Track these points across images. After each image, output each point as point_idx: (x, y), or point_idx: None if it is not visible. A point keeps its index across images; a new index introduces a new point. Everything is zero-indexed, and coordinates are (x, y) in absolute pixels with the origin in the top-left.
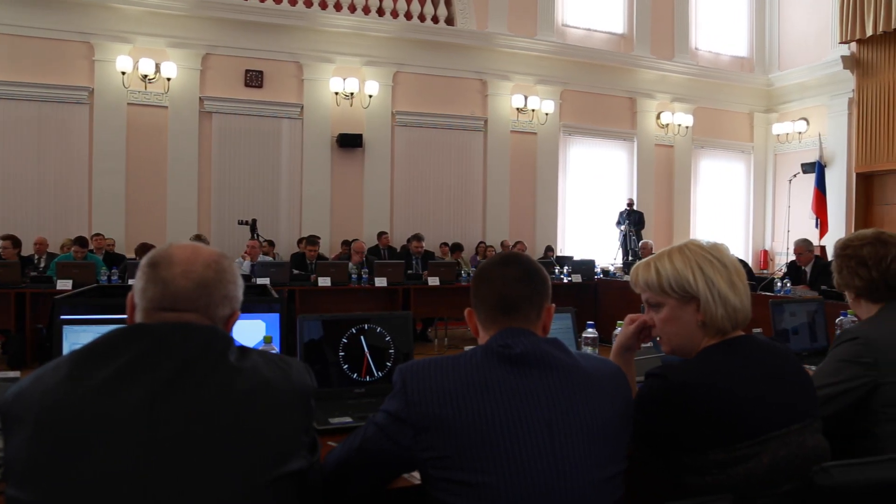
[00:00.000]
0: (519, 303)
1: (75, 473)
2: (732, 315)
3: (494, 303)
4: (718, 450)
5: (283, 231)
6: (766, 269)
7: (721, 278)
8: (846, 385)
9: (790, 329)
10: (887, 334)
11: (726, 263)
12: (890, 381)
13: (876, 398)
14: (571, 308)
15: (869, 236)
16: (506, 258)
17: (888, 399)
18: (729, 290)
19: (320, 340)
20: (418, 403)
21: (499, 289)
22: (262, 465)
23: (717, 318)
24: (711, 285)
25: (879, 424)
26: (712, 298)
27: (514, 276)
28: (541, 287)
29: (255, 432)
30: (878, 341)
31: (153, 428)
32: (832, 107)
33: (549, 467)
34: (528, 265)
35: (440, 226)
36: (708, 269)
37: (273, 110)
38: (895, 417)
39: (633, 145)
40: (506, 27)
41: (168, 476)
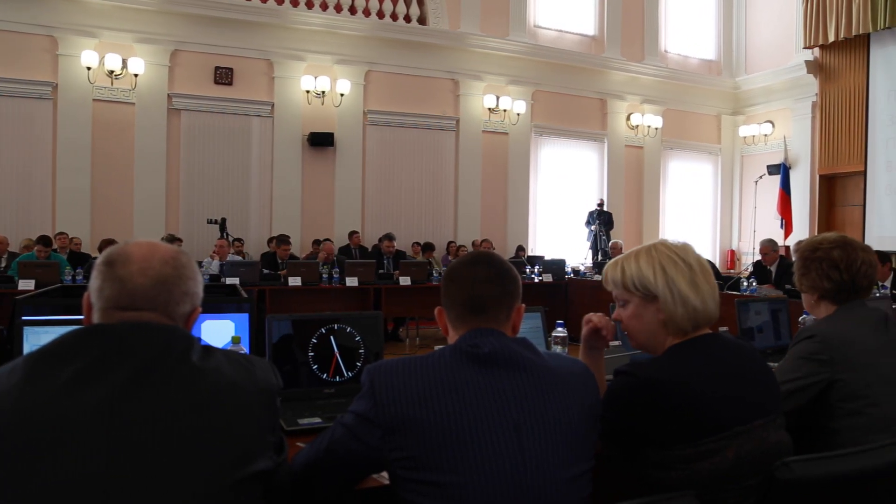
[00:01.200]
0: (489, 303)
1: (33, 479)
2: (693, 315)
3: (464, 303)
4: (684, 445)
5: (252, 230)
6: (733, 268)
7: (683, 279)
8: (804, 381)
9: (755, 327)
10: (842, 332)
11: (691, 264)
12: (844, 377)
13: (832, 394)
14: (541, 307)
15: (836, 239)
16: (476, 258)
17: (844, 394)
18: (690, 290)
19: (289, 340)
20: (387, 404)
21: (469, 289)
22: (225, 466)
23: (678, 317)
24: (672, 285)
25: (837, 419)
26: (672, 298)
27: (484, 276)
28: (511, 287)
29: (218, 433)
30: (834, 339)
31: (113, 431)
32: (796, 110)
33: (517, 467)
34: (498, 265)
35: (411, 225)
36: (670, 269)
37: (243, 108)
38: (851, 412)
39: (604, 146)
40: (478, 27)
41: (129, 480)
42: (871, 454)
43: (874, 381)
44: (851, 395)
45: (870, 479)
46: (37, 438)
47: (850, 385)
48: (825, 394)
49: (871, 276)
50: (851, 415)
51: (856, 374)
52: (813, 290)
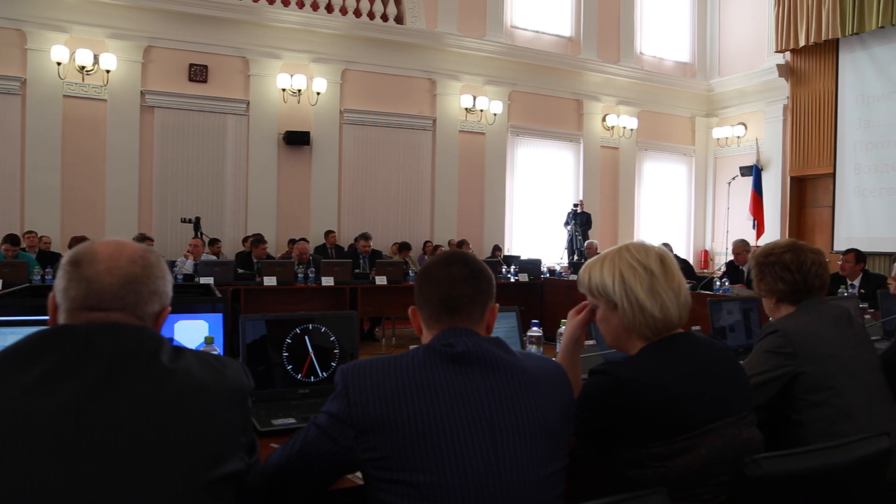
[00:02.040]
0: (463, 303)
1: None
2: (651, 322)
3: (439, 302)
4: (658, 443)
5: (227, 229)
6: (707, 268)
7: (641, 286)
8: (770, 374)
9: (727, 326)
10: (803, 327)
11: (653, 270)
12: (808, 369)
13: (797, 386)
14: (516, 307)
15: (787, 244)
16: (450, 257)
17: (807, 386)
18: (648, 297)
19: (264, 341)
20: (360, 404)
21: (444, 288)
22: (196, 467)
23: (636, 324)
24: (630, 292)
25: (801, 411)
26: (630, 306)
27: (458, 275)
28: (485, 287)
29: (188, 435)
30: (796, 333)
31: (79, 434)
32: (768, 113)
33: (490, 466)
34: (472, 265)
35: (388, 225)
36: (629, 276)
37: (218, 106)
38: (815, 403)
39: (580, 147)
40: (455, 27)
41: (96, 483)
42: (837, 451)
43: (836, 372)
44: (815, 386)
45: (836, 475)
46: (1, 441)
47: (813, 377)
48: (790, 386)
49: (822, 276)
50: (815, 406)
51: (819, 367)
52: (770, 294)
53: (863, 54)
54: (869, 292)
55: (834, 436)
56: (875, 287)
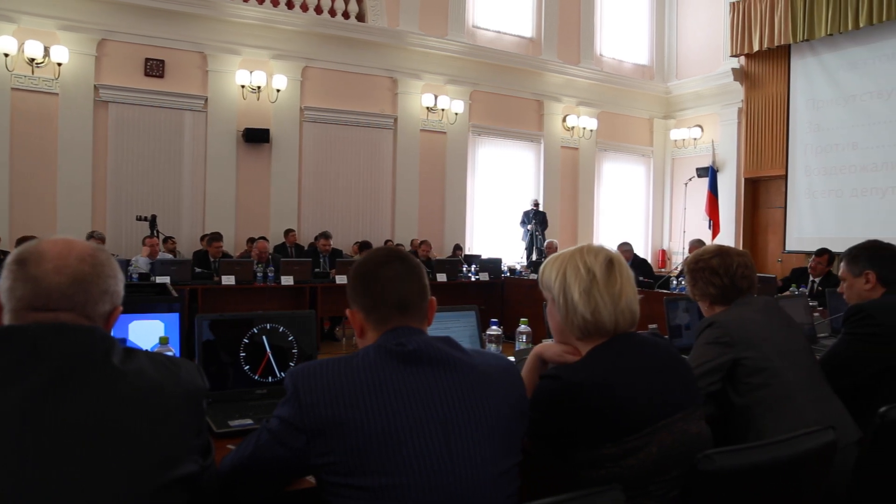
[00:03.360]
0: (414, 301)
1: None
2: (581, 323)
3: (391, 302)
4: (611, 444)
5: (185, 228)
6: (664, 267)
7: (577, 287)
8: (712, 363)
9: (683, 324)
10: (736, 318)
11: (595, 273)
12: (746, 354)
13: (739, 371)
14: (475, 306)
15: (714, 250)
16: (389, 255)
17: (749, 370)
18: (581, 299)
19: (220, 341)
20: (311, 408)
21: (393, 288)
22: (148, 471)
23: (569, 322)
24: (567, 292)
25: (746, 394)
26: (564, 305)
27: (404, 273)
28: (425, 282)
29: (140, 437)
30: (731, 323)
31: (24, 438)
32: (723, 115)
33: (445, 465)
34: (410, 261)
35: (349, 224)
36: (570, 276)
37: (175, 102)
38: (758, 386)
39: (540, 147)
40: (417, 26)
41: (43, 490)
42: (785, 444)
43: (772, 354)
44: (755, 369)
45: (785, 468)
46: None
47: (752, 360)
48: (733, 373)
49: (749, 277)
50: (758, 388)
51: (756, 351)
52: (704, 297)
53: (813, 60)
54: (826, 290)
55: (780, 415)
56: (834, 286)
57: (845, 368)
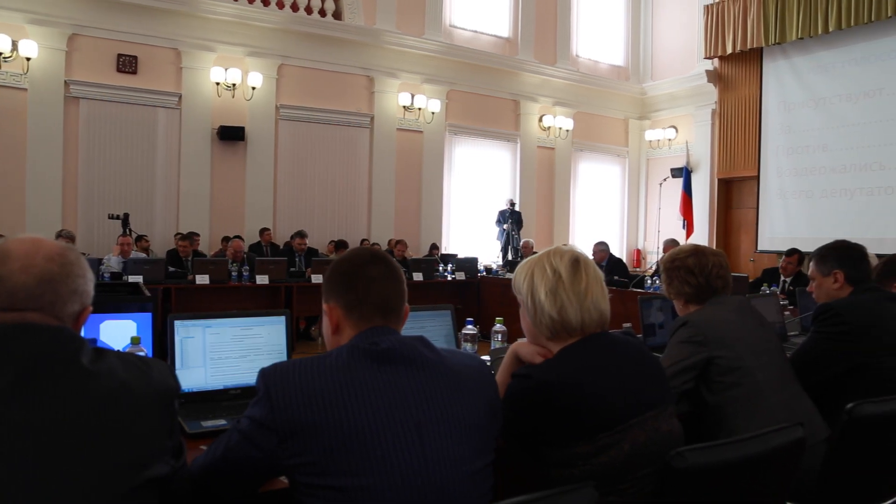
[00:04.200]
0: (396, 303)
1: None
2: (549, 323)
3: (376, 302)
4: (583, 442)
5: (158, 226)
6: (639, 267)
7: (544, 288)
8: (686, 362)
9: (657, 323)
10: (710, 317)
11: (561, 274)
12: (719, 353)
13: (712, 370)
14: (451, 305)
15: (690, 250)
16: (373, 256)
17: (722, 369)
18: (547, 299)
19: (194, 341)
20: (283, 409)
21: (379, 288)
22: (118, 472)
23: (538, 324)
24: (534, 293)
25: (719, 393)
26: (532, 306)
27: (388, 275)
28: (405, 286)
29: (110, 439)
30: (704, 322)
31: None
32: (697, 116)
33: (419, 465)
34: (394, 264)
35: (324, 223)
36: (537, 277)
37: (148, 98)
38: (730, 385)
39: (517, 146)
40: (394, 25)
41: (11, 492)
42: (756, 441)
43: (745, 353)
44: (728, 368)
45: (755, 464)
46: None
47: (725, 359)
48: (706, 372)
49: (724, 277)
50: (731, 387)
51: (728, 350)
52: (679, 296)
53: (784, 63)
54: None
55: (752, 414)
56: (804, 285)
57: (814, 366)
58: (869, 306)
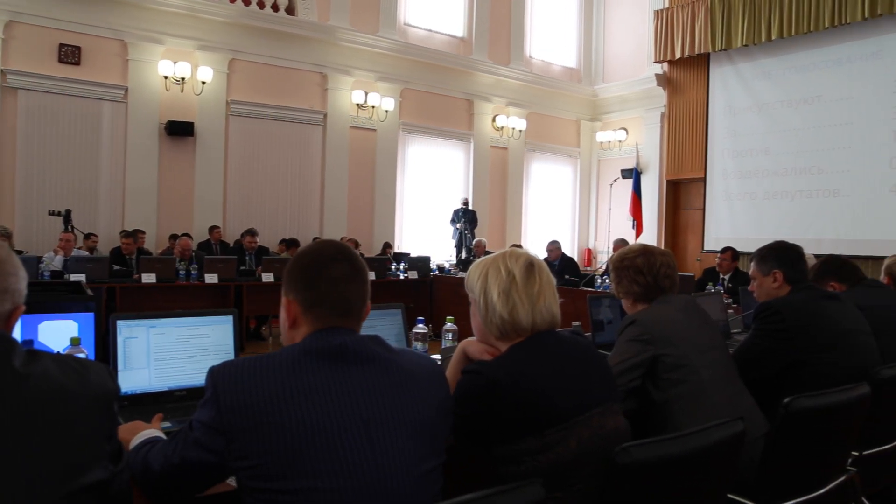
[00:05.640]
0: (357, 304)
1: None
2: (499, 322)
3: (336, 303)
4: (530, 438)
5: (102, 223)
6: (590, 266)
7: (496, 288)
8: (633, 360)
9: (605, 320)
10: (657, 315)
11: (514, 274)
12: (666, 351)
13: (658, 368)
14: (401, 304)
15: (639, 249)
16: (337, 253)
17: (668, 366)
18: (500, 299)
19: (137, 341)
20: (231, 410)
21: (342, 289)
22: (53, 479)
23: (489, 322)
24: (487, 292)
25: (666, 390)
26: (485, 305)
27: (352, 275)
28: (368, 286)
29: (44, 444)
30: (651, 321)
31: None
32: (647, 119)
33: (369, 466)
34: (359, 262)
35: (276, 221)
36: (491, 277)
37: (92, 91)
38: (676, 382)
39: (470, 146)
40: (348, 21)
41: None
42: (698, 436)
43: (690, 351)
44: (674, 366)
45: (698, 458)
46: None
47: (671, 357)
48: (653, 369)
49: (671, 276)
50: (677, 384)
51: (675, 348)
52: (627, 295)
53: (730, 69)
54: (737, 287)
55: (696, 410)
56: (743, 282)
57: (755, 363)
58: (806, 305)
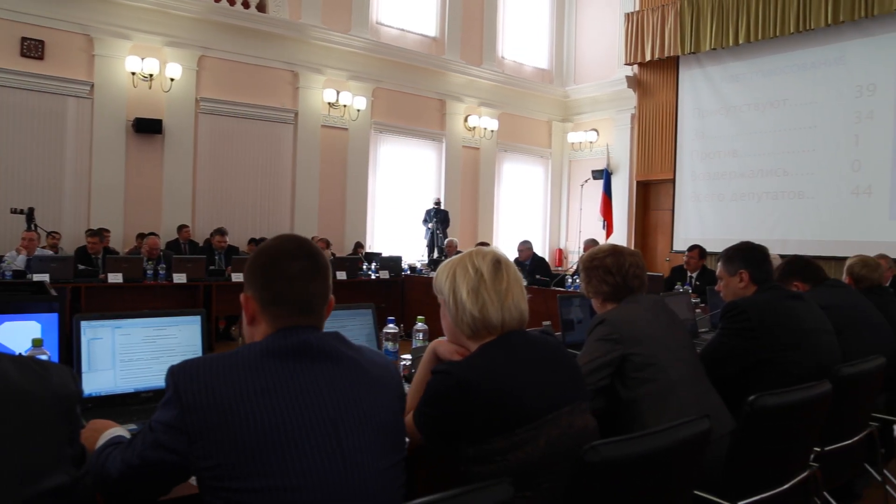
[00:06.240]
0: (317, 302)
1: None
2: (470, 321)
3: (294, 302)
4: (500, 437)
5: (67, 222)
6: (561, 266)
7: (465, 286)
8: (602, 359)
9: (576, 319)
10: (626, 315)
11: (483, 272)
12: (634, 350)
13: (627, 366)
14: (372, 304)
15: (608, 249)
16: (297, 249)
17: (636, 365)
18: (469, 298)
19: (102, 342)
20: (192, 409)
21: (300, 287)
22: (11, 484)
23: (458, 321)
24: (456, 291)
25: (634, 388)
26: (454, 304)
27: (311, 272)
28: (330, 282)
29: (1, 448)
30: (620, 321)
31: None
32: (618, 120)
33: (336, 463)
34: (320, 258)
35: (246, 220)
36: (459, 276)
37: (57, 87)
38: (644, 380)
39: (442, 146)
40: (320, 20)
41: None
42: (664, 434)
43: (658, 350)
44: (642, 364)
45: (665, 456)
46: None
47: (639, 356)
48: (621, 368)
49: (640, 276)
50: (644, 383)
51: (643, 347)
52: (597, 294)
53: (699, 72)
54: (705, 285)
55: (664, 408)
56: (711, 281)
57: (721, 361)
58: (772, 305)
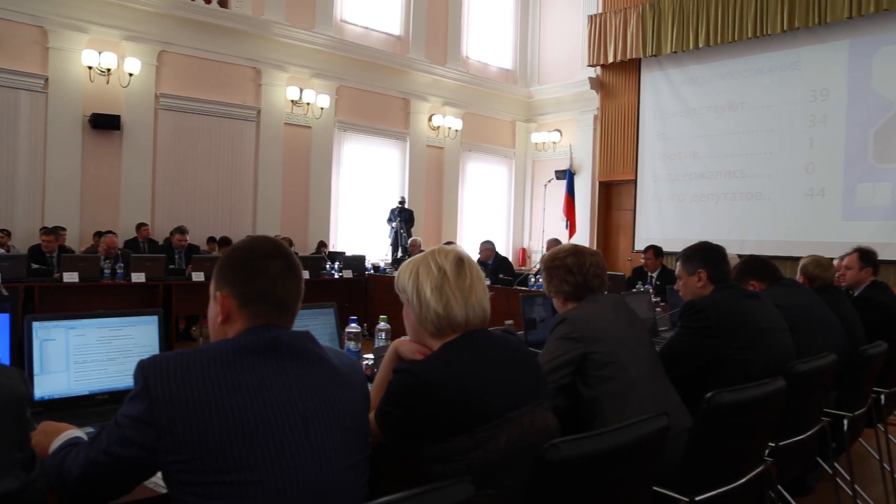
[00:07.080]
0: (293, 302)
1: None
2: (434, 319)
3: (273, 300)
4: (461, 436)
5: (20, 220)
6: (524, 265)
7: (429, 284)
8: (563, 358)
9: (538, 318)
10: (587, 314)
11: (445, 270)
12: (594, 348)
13: (587, 365)
14: (334, 304)
15: (569, 249)
16: (276, 249)
17: (597, 363)
18: (433, 295)
19: (56, 344)
20: (162, 403)
21: (279, 286)
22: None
23: (422, 319)
24: (420, 290)
25: (595, 386)
26: (418, 302)
27: (289, 272)
28: (303, 283)
29: None
30: (580, 320)
31: None
32: (580, 121)
33: (305, 460)
34: (294, 260)
35: (207, 218)
36: (422, 274)
37: (8, 80)
38: (605, 378)
39: (406, 145)
40: (283, 16)
41: None
42: (624, 431)
43: (618, 349)
44: (602, 363)
45: (624, 453)
46: None
47: (600, 354)
48: (582, 367)
49: (601, 276)
50: (605, 380)
51: (603, 345)
52: (558, 294)
53: (660, 74)
54: (664, 284)
55: (624, 406)
56: (670, 280)
57: (680, 359)
58: (729, 304)
